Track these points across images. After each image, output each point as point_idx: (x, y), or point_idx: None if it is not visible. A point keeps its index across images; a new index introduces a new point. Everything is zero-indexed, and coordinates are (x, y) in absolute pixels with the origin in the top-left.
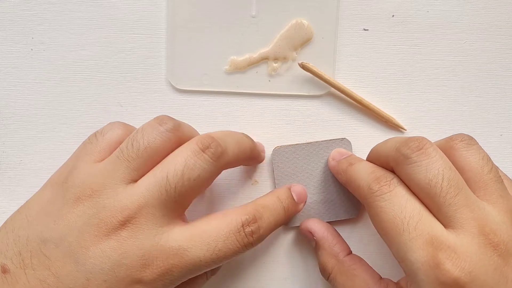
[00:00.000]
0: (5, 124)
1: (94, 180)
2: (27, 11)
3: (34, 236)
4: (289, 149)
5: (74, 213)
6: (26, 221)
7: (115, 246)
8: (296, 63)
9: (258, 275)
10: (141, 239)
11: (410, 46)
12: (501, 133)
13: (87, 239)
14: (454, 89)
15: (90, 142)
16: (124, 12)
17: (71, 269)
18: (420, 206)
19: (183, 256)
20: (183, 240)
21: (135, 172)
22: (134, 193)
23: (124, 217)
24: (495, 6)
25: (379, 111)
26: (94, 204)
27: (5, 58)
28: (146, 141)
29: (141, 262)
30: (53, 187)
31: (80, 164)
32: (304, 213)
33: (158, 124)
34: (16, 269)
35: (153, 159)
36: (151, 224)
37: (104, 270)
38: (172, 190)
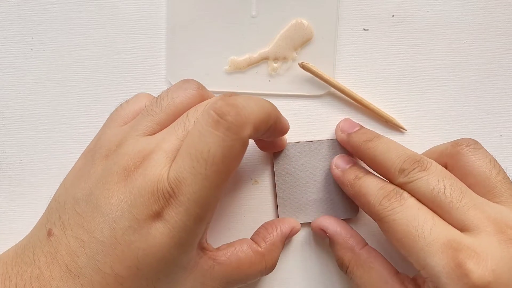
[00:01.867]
0: (5, 124)
1: (119, 137)
2: (27, 11)
3: (71, 199)
4: (290, 147)
5: (99, 168)
6: (64, 188)
7: (130, 188)
8: (296, 63)
9: None
10: (150, 175)
11: (410, 46)
12: (501, 133)
13: (109, 188)
14: (454, 89)
15: (116, 110)
16: (124, 12)
17: (99, 221)
18: (432, 213)
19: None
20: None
21: (158, 126)
22: (153, 139)
23: (140, 157)
24: (495, 6)
25: (379, 111)
26: (117, 155)
27: (5, 58)
28: (170, 98)
29: (151, 198)
30: (85, 155)
31: (106, 130)
32: (302, 211)
33: (182, 83)
34: (59, 232)
35: (176, 115)
36: (161, 158)
37: (124, 215)
38: (190, 125)
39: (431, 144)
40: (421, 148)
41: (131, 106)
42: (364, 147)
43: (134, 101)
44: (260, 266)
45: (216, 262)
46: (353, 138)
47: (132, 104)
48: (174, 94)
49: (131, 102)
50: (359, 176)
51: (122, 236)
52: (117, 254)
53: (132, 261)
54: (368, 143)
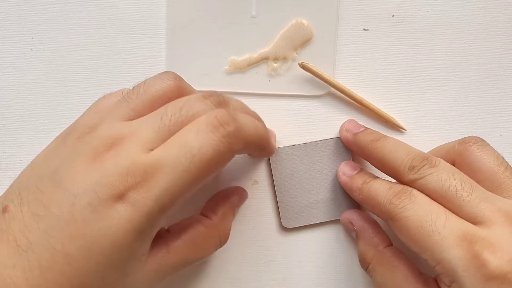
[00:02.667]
0: (5, 124)
1: (94, 121)
2: (27, 11)
3: (33, 176)
4: (287, 150)
5: (68, 146)
6: (30, 168)
7: (97, 168)
8: (296, 63)
9: (258, 275)
10: (122, 158)
11: (410, 46)
12: (501, 133)
13: (76, 166)
14: (454, 89)
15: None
16: (124, 12)
17: (59, 197)
18: (444, 208)
19: (159, 165)
20: (159, 153)
21: (133, 112)
22: (128, 125)
23: (112, 141)
24: (495, 6)
25: (379, 111)
26: (90, 136)
27: (5, 58)
28: (146, 86)
29: (119, 179)
30: (57, 138)
31: (83, 116)
32: (305, 213)
33: (160, 74)
34: (15, 208)
35: (152, 103)
36: (135, 146)
37: (87, 192)
38: (167, 118)
39: (431, 144)
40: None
41: (112, 98)
42: (371, 147)
43: (116, 94)
44: (214, 240)
45: (169, 247)
46: (359, 138)
47: (114, 96)
48: (150, 83)
49: (113, 95)
50: (367, 181)
51: (79, 213)
52: (71, 231)
53: (85, 240)
54: (376, 143)
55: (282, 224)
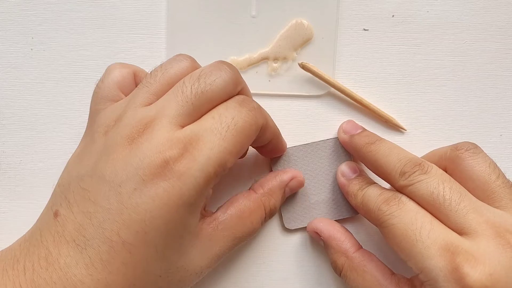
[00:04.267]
0: (5, 124)
1: (117, 112)
2: (27, 11)
3: (74, 178)
4: (287, 152)
5: (101, 142)
6: (66, 173)
7: (136, 151)
8: (296, 63)
9: (258, 275)
10: (156, 136)
11: (410, 46)
12: (501, 133)
13: (113, 157)
14: (454, 89)
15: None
16: (124, 12)
17: (105, 190)
18: (431, 216)
19: (199, 137)
20: (197, 126)
21: (154, 96)
22: (152, 107)
23: (143, 125)
24: (495, 6)
25: (379, 111)
26: (118, 127)
27: (5, 58)
28: (164, 69)
29: (158, 156)
30: (84, 138)
31: (99, 111)
32: (307, 214)
33: (176, 56)
34: (65, 211)
35: (171, 85)
36: (166, 123)
37: (130, 178)
38: (188, 90)
39: (431, 144)
40: (421, 148)
41: (111, 79)
42: (365, 150)
43: (111, 73)
44: (260, 212)
45: (218, 221)
46: (355, 140)
47: (111, 76)
48: (167, 66)
49: (109, 77)
50: (363, 187)
51: (128, 200)
52: (124, 220)
53: (139, 225)
54: (370, 146)
55: (285, 226)
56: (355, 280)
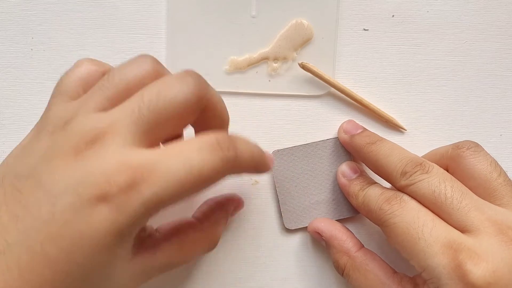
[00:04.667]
0: (5, 124)
1: (68, 113)
2: (27, 11)
3: (10, 174)
4: (287, 152)
5: (44, 143)
6: (5, 164)
7: (79, 166)
8: (296, 63)
9: (258, 275)
10: (107, 156)
11: (410, 46)
12: (501, 133)
13: (55, 164)
14: (454, 89)
15: (61, 82)
16: (124, 12)
17: (39, 197)
18: (433, 215)
19: (152, 169)
20: (152, 156)
21: (108, 102)
22: (106, 116)
23: (92, 136)
24: (495, 6)
25: (379, 111)
26: (65, 132)
27: (5, 58)
28: (122, 72)
29: (104, 178)
30: (32, 132)
31: (53, 105)
32: (307, 214)
33: (137, 57)
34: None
35: (128, 91)
36: (119, 141)
37: (68, 192)
38: (145, 107)
39: (431, 144)
40: (421, 148)
41: (75, 75)
42: (366, 150)
43: (78, 68)
44: (203, 245)
45: (157, 248)
46: (356, 140)
47: (77, 72)
48: (127, 69)
49: (74, 72)
50: (364, 188)
51: (60, 214)
52: (51, 232)
53: (66, 242)
54: (371, 146)
55: (285, 226)
56: (358, 279)
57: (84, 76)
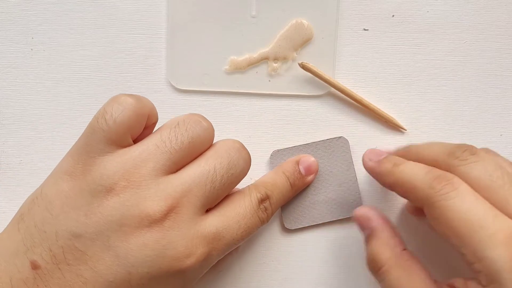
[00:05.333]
0: (5, 124)
1: (130, 169)
2: (27, 11)
3: (64, 231)
4: (287, 152)
5: (109, 206)
6: (49, 215)
7: (158, 237)
8: (296, 63)
9: (258, 275)
10: (184, 228)
11: (410, 46)
12: (501, 133)
13: (127, 231)
14: (454, 89)
15: (100, 128)
16: (124, 12)
17: (111, 263)
18: (490, 204)
19: (220, 239)
20: (218, 224)
21: (175, 165)
22: (178, 182)
23: (168, 206)
24: (495, 6)
25: (379, 111)
26: (133, 195)
27: (5, 58)
28: (190, 135)
29: (186, 252)
30: (73, 178)
31: (100, 157)
32: (307, 214)
33: (201, 119)
34: (48, 265)
35: (194, 154)
36: (192, 214)
37: (147, 263)
38: (217, 181)
39: None
40: None
41: (119, 124)
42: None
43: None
44: None
45: None
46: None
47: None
48: (194, 132)
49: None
50: (398, 163)
51: (137, 281)
52: None
53: None
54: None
55: (285, 226)
56: (400, 279)
57: (132, 122)
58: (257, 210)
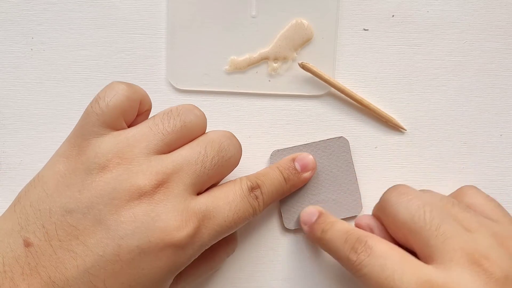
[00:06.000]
0: (5, 124)
1: (123, 148)
2: (27, 11)
3: (57, 208)
4: (288, 152)
5: (101, 181)
6: (44, 194)
7: (148, 210)
8: (296, 63)
9: (258, 275)
10: (174, 202)
11: (410, 46)
12: (501, 133)
13: (118, 204)
14: (454, 89)
15: (94, 112)
16: (124, 12)
17: (101, 236)
18: (400, 255)
19: (210, 217)
20: (209, 203)
21: (167, 147)
22: (169, 161)
23: (158, 180)
24: (495, 6)
25: (379, 111)
26: (125, 171)
27: (5, 58)
28: (183, 120)
29: (175, 225)
30: (69, 160)
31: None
32: None
33: (193, 108)
34: (40, 242)
35: (185, 139)
36: (182, 190)
37: (137, 235)
38: (208, 162)
39: (431, 144)
40: (421, 148)
41: (112, 107)
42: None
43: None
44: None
45: None
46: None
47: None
48: (187, 117)
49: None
50: (325, 230)
51: (126, 254)
52: (114, 270)
53: (127, 278)
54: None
55: (285, 226)
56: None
57: (125, 108)
58: (248, 196)
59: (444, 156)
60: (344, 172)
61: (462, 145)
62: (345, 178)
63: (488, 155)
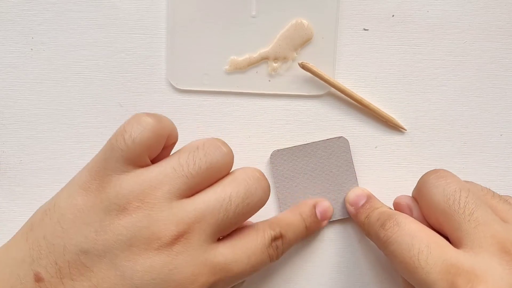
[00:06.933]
0: (5, 124)
1: (145, 190)
2: (27, 11)
3: (72, 246)
4: (287, 152)
5: (120, 225)
6: (60, 228)
7: (166, 261)
8: (296, 63)
9: (259, 275)
10: (192, 255)
11: (410, 46)
12: (501, 133)
13: (135, 252)
14: (454, 89)
15: (119, 147)
16: (124, 12)
17: (116, 282)
18: (428, 236)
19: (228, 270)
20: (228, 255)
21: (190, 190)
22: (191, 208)
23: (179, 231)
24: (495, 6)
25: (379, 111)
26: (145, 217)
27: (5, 58)
28: (209, 161)
29: (191, 278)
30: (88, 194)
31: (117, 173)
32: None
33: (221, 144)
34: (52, 278)
35: (210, 180)
36: (203, 241)
37: (151, 285)
38: (231, 210)
39: (431, 144)
40: (421, 148)
41: (138, 144)
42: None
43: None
44: None
45: None
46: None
47: (138, 141)
48: (213, 158)
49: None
50: (370, 215)
51: None
52: None
53: None
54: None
55: None
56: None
57: (151, 142)
58: (268, 248)
59: (444, 156)
60: (344, 172)
61: (462, 145)
62: (345, 178)
63: (488, 155)
